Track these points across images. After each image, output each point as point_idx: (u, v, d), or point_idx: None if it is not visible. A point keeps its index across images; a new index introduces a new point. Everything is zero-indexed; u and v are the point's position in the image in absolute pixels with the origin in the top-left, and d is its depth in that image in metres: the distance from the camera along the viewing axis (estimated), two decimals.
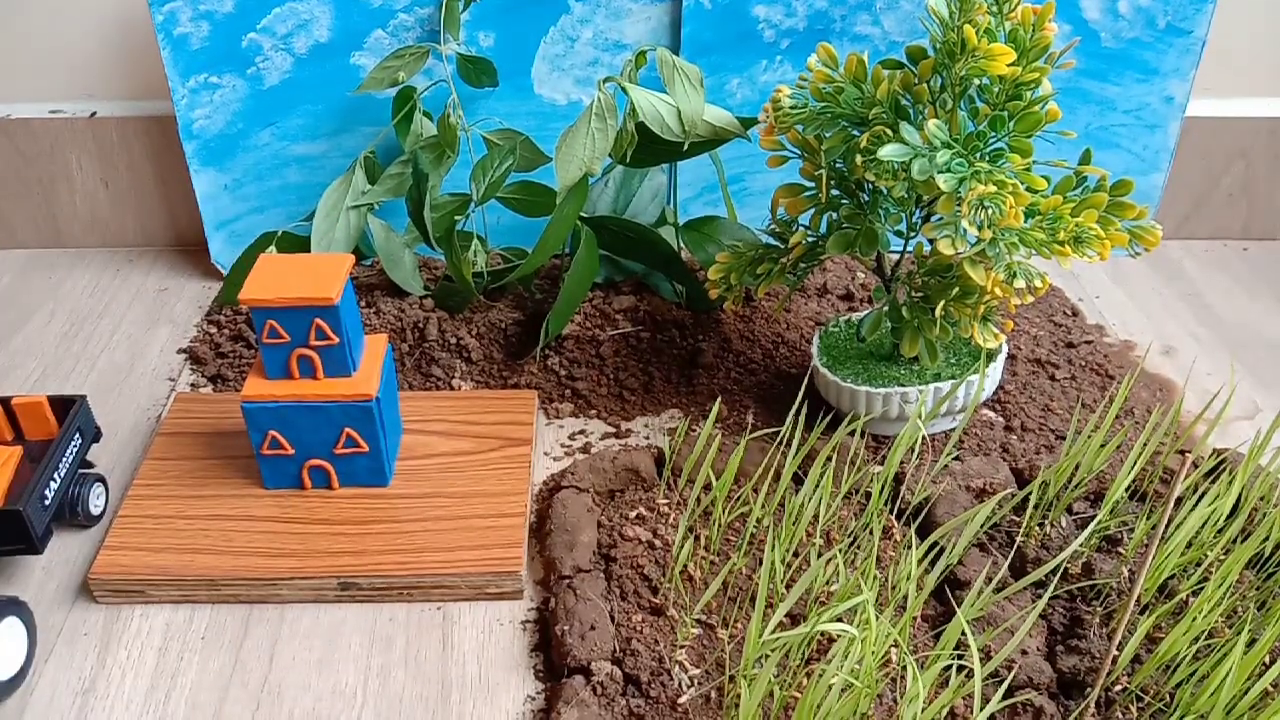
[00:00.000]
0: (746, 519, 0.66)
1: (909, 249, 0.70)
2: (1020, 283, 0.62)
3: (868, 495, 0.68)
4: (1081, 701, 0.55)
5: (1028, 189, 0.61)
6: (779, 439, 0.69)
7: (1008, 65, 0.58)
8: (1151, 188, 0.96)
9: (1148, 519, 0.64)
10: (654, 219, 0.89)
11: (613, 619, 0.59)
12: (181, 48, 0.84)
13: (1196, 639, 0.57)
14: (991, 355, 0.72)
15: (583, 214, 0.81)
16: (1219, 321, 0.91)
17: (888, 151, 0.59)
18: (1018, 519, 0.66)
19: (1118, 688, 0.56)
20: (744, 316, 0.86)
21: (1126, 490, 0.67)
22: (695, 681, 0.57)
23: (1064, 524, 0.66)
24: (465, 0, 0.83)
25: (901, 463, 0.69)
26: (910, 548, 0.58)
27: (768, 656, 0.51)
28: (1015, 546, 0.64)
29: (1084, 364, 0.82)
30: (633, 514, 0.67)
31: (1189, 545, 0.61)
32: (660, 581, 0.62)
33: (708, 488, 0.67)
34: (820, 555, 0.62)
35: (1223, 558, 0.61)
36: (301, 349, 0.63)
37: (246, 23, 0.84)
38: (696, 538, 0.65)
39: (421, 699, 0.58)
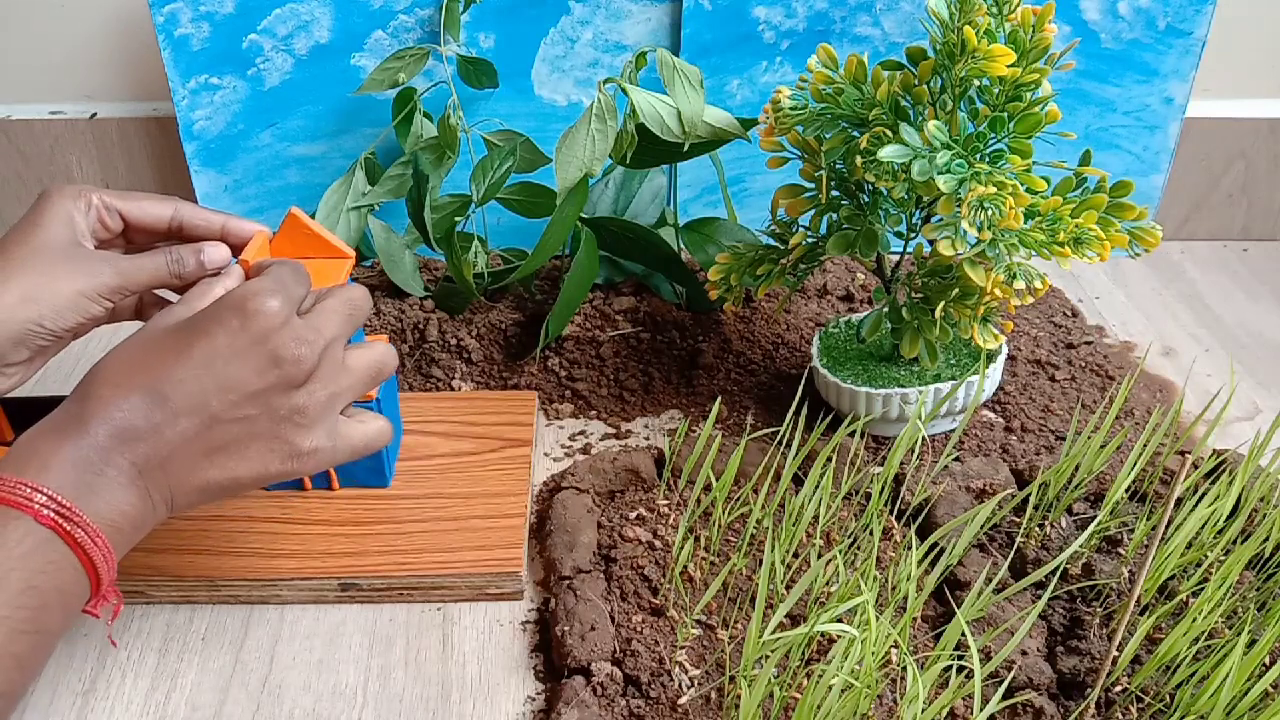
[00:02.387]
0: (746, 520, 0.66)
1: (909, 250, 0.70)
2: (1020, 284, 0.62)
3: (867, 496, 0.68)
4: (1081, 702, 0.55)
5: (1028, 190, 0.61)
6: (779, 440, 0.69)
7: (1008, 66, 0.58)
8: (1151, 188, 0.96)
9: (1148, 520, 0.64)
10: (654, 220, 0.89)
11: (613, 620, 0.59)
12: (182, 49, 0.84)
13: (1196, 640, 0.57)
14: (991, 356, 0.72)
15: (583, 215, 0.81)
16: (1219, 322, 0.91)
17: (888, 153, 0.59)
18: (1018, 520, 0.66)
19: (1118, 688, 0.56)
20: (744, 317, 0.86)
21: (1126, 491, 0.67)
22: (695, 682, 0.57)
23: (1064, 525, 0.66)
24: (465, 2, 0.83)
25: (901, 464, 0.69)
26: (910, 548, 0.58)
27: (768, 657, 0.51)
28: (1015, 547, 0.64)
29: (1084, 365, 0.82)
30: (633, 515, 0.67)
31: (1189, 546, 0.61)
32: (660, 582, 0.62)
33: (708, 488, 0.67)
34: (820, 556, 0.62)
35: (1223, 558, 0.61)
36: None
37: (247, 24, 0.84)
38: (696, 538, 0.65)
39: (421, 699, 0.58)
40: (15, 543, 0.43)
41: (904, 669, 0.55)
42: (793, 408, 0.66)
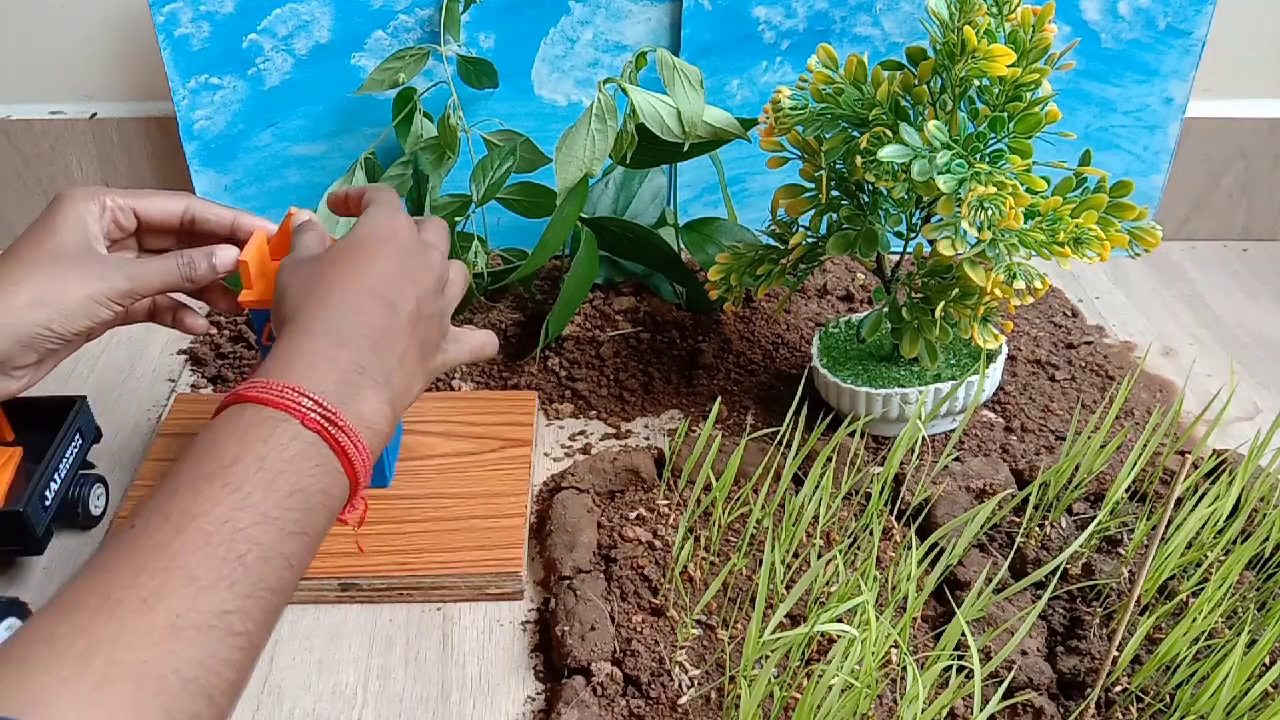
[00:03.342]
0: (746, 520, 0.66)
1: (909, 250, 0.70)
2: (1020, 284, 0.62)
3: (867, 496, 0.68)
4: (1081, 702, 0.55)
5: (1028, 190, 0.61)
6: (779, 440, 0.69)
7: (1008, 66, 0.58)
8: (1151, 188, 0.96)
9: (1148, 519, 0.64)
10: (654, 220, 0.89)
11: (613, 620, 0.59)
12: (182, 48, 0.84)
13: (1196, 640, 0.57)
14: (991, 356, 0.72)
15: (583, 215, 0.81)
16: (1219, 322, 0.91)
17: (888, 153, 0.59)
18: (1018, 520, 0.66)
19: (1118, 688, 0.56)
20: (744, 317, 0.86)
21: (1126, 491, 0.67)
22: (695, 682, 0.57)
23: (1064, 525, 0.66)
24: (465, 1, 0.83)
25: (901, 463, 0.69)
26: (910, 548, 0.58)
27: (768, 657, 0.51)
28: (1015, 547, 0.64)
29: (1084, 365, 0.82)
30: (633, 514, 0.67)
31: (1189, 546, 0.61)
32: (660, 582, 0.62)
33: (708, 488, 0.67)
34: (820, 556, 0.62)
35: (1223, 558, 0.61)
36: None
37: (247, 23, 0.84)
38: (696, 538, 0.65)
39: (421, 699, 0.58)
40: (284, 446, 0.43)
41: (904, 669, 0.55)
42: (793, 408, 0.66)
